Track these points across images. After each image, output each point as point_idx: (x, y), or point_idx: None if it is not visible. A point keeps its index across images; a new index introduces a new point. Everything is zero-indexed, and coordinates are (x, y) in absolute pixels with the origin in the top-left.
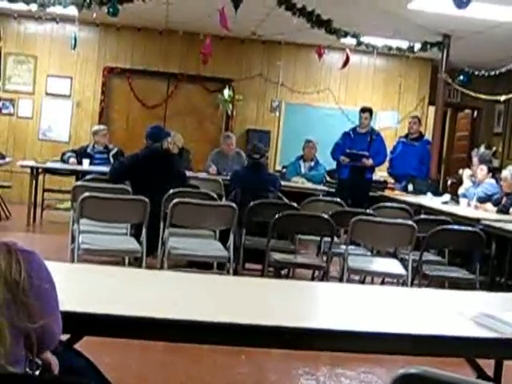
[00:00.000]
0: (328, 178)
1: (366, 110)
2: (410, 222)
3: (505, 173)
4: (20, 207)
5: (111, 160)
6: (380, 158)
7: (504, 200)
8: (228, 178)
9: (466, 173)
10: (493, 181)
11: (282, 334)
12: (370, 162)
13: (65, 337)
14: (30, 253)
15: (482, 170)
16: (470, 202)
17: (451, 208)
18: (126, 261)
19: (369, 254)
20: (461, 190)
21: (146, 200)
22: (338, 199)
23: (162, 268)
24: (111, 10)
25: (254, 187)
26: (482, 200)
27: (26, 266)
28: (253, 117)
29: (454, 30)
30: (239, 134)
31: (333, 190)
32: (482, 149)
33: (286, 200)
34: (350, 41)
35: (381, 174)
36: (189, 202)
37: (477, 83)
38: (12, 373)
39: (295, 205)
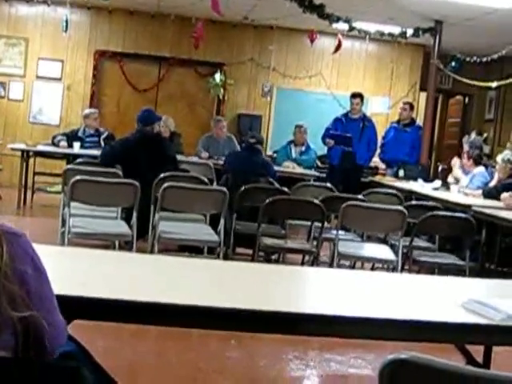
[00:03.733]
0: (319, 164)
1: (357, 96)
2: (400, 208)
3: (498, 158)
4: (10, 190)
5: (102, 143)
6: (370, 152)
7: (493, 183)
8: (219, 162)
9: (455, 162)
10: (482, 169)
11: (272, 319)
12: (350, 148)
13: None
14: (16, 235)
15: (468, 161)
16: (461, 188)
17: (442, 194)
18: (117, 244)
19: (359, 239)
20: (450, 178)
21: (137, 184)
22: (329, 184)
23: (152, 252)
24: None
25: (246, 170)
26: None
27: (9, 249)
28: (244, 101)
29: (447, 16)
30: (230, 118)
31: (324, 175)
32: (473, 135)
33: (277, 185)
34: (342, 26)
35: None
36: (179, 186)
37: (468, 69)
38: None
39: (286, 190)
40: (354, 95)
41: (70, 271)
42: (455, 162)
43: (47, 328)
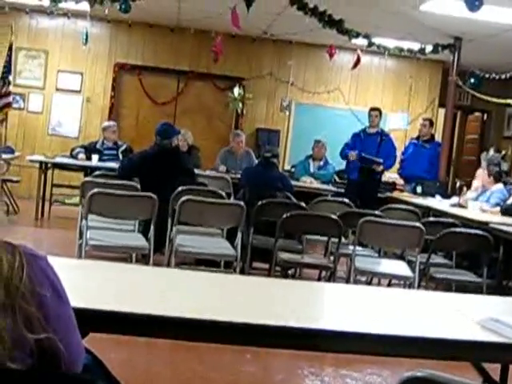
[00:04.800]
0: (337, 179)
1: (376, 109)
2: (417, 224)
3: None
4: (28, 202)
5: (120, 156)
6: (390, 162)
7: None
8: (237, 176)
9: (480, 173)
10: (501, 186)
11: (289, 335)
12: (381, 167)
13: None
14: (37, 257)
15: (489, 178)
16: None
17: (459, 211)
18: (134, 257)
19: (376, 255)
20: (468, 195)
21: (155, 197)
22: (347, 200)
23: (169, 265)
24: (123, 6)
25: (263, 184)
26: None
27: (28, 271)
28: (262, 116)
29: (466, 33)
30: (249, 132)
31: (341, 191)
32: (492, 152)
33: (295, 200)
34: (361, 41)
35: (389, 175)
36: (197, 199)
37: (487, 86)
38: (13, 368)
39: (303, 204)
40: (373, 109)
41: (87, 284)
42: (480, 173)
43: (64, 351)
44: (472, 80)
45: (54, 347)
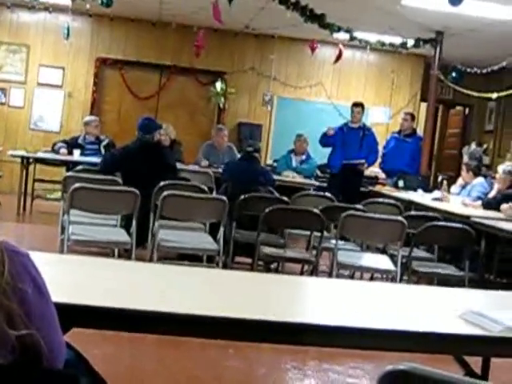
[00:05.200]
0: (319, 173)
1: (359, 105)
2: (399, 218)
3: (499, 169)
4: (10, 197)
5: (102, 151)
6: (372, 156)
7: (493, 194)
8: (219, 171)
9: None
10: (481, 179)
11: (271, 329)
12: (364, 166)
13: None
14: (18, 253)
15: (467, 173)
16: (461, 198)
17: (441, 205)
18: (116, 252)
19: (358, 249)
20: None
21: (137, 192)
22: (329, 194)
23: (151, 260)
24: (105, 0)
25: (245, 179)
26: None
27: (10, 267)
28: (245, 110)
29: (447, 27)
30: (231, 127)
31: (324, 185)
32: (473, 146)
33: (277, 194)
34: (343, 36)
35: (372, 169)
36: (179, 194)
37: (469, 80)
38: None
39: (286, 199)
40: (356, 104)
41: (69, 279)
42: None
43: (45, 347)
44: (454, 74)
45: (36, 343)
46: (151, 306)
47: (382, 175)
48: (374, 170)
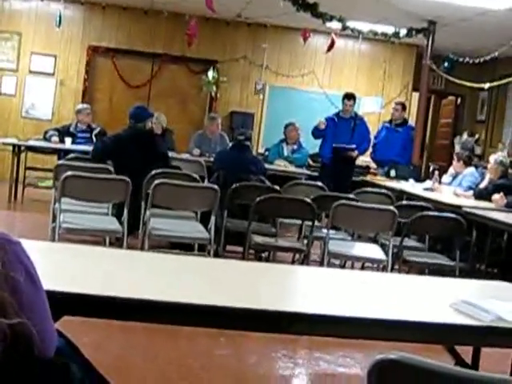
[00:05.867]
0: (311, 162)
1: (351, 97)
2: (391, 208)
3: (491, 159)
4: (1, 185)
5: (94, 139)
6: (364, 145)
7: (484, 184)
8: (211, 160)
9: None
10: (472, 169)
11: (262, 318)
12: (355, 153)
13: None
14: (10, 242)
15: (458, 162)
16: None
17: (433, 194)
18: (107, 241)
19: (349, 238)
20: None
21: (128, 180)
22: (320, 183)
23: (142, 249)
24: None
25: (237, 168)
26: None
27: (1, 256)
28: (237, 99)
29: (440, 17)
30: (223, 115)
31: (315, 174)
32: (465, 136)
33: (269, 183)
34: (335, 25)
35: (363, 158)
36: (171, 183)
37: (461, 70)
38: None
39: (277, 188)
40: (348, 96)
41: (60, 267)
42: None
43: (37, 336)
44: (446, 64)
45: (27, 332)
46: (142, 295)
47: (374, 165)
48: (366, 160)
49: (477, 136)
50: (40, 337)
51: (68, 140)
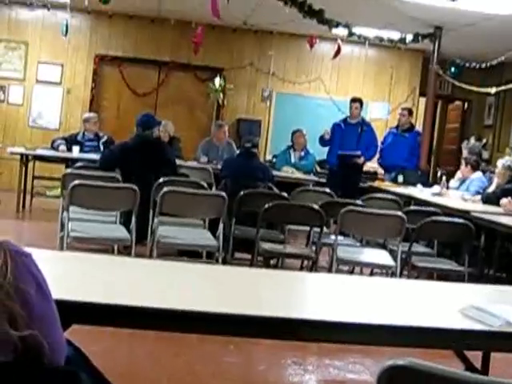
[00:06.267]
0: (318, 168)
1: (357, 100)
2: (399, 213)
3: (499, 163)
4: (9, 194)
5: (101, 148)
6: (371, 152)
7: (492, 188)
8: (218, 167)
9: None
10: (480, 174)
11: (272, 324)
12: (361, 160)
13: None
14: (21, 254)
15: (466, 167)
16: (461, 193)
17: (441, 199)
18: (115, 249)
19: (358, 244)
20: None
21: (136, 188)
22: (328, 189)
23: (151, 256)
24: None
25: (244, 175)
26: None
27: (12, 268)
28: (243, 106)
29: (446, 22)
30: (230, 123)
31: (323, 180)
32: (472, 141)
33: (276, 190)
34: (341, 31)
35: (371, 164)
36: (179, 190)
37: (468, 75)
38: None
39: (285, 195)
40: (354, 99)
41: (69, 276)
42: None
43: (47, 347)
44: (452, 69)
45: (38, 343)
46: (151, 303)
47: (381, 171)
48: (373, 166)
49: (484, 141)
50: (50, 347)
51: (76, 149)
